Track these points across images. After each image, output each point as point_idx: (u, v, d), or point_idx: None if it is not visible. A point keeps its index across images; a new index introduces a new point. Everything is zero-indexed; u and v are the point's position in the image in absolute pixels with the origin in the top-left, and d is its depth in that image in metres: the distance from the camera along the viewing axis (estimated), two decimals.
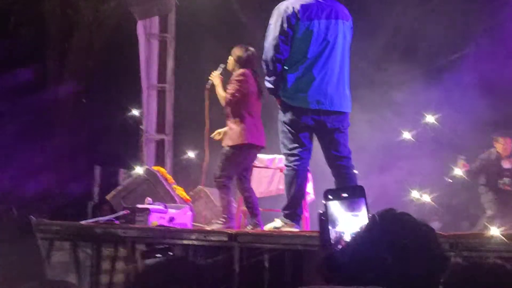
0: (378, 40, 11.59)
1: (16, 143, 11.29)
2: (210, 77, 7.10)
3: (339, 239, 2.30)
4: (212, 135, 7.22)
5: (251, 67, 6.85)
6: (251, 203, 6.93)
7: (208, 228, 6.73)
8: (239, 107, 6.76)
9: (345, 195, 2.38)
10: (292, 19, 5.85)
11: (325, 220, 2.33)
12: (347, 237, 2.27)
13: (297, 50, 5.90)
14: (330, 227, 2.34)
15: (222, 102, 6.86)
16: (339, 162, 5.98)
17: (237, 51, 6.88)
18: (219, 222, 6.74)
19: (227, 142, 6.79)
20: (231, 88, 6.77)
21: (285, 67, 5.93)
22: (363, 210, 2.32)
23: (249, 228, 6.81)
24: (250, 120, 6.78)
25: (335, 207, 2.37)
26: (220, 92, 6.90)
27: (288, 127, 5.98)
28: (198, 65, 10.14)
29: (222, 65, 7.08)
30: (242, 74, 6.77)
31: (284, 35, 5.85)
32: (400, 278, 1.92)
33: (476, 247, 5.24)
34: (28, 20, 12.49)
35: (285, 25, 5.84)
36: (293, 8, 5.87)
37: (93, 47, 12.59)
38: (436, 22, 10.89)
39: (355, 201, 2.35)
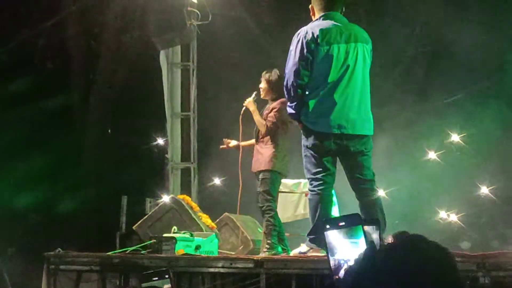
0: (401, 59, 11.59)
1: (41, 172, 11.41)
2: (244, 104, 7.24)
3: (339, 267, 2.32)
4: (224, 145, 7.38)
5: (281, 91, 6.97)
6: (278, 230, 7.05)
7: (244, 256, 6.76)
8: (276, 134, 7.01)
9: (342, 223, 2.41)
10: (311, 44, 5.86)
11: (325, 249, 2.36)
12: (346, 264, 2.29)
13: (317, 75, 5.91)
14: (329, 256, 2.37)
15: (262, 129, 7.05)
16: (362, 185, 5.95)
17: (266, 76, 7.06)
18: (264, 250, 6.84)
19: (257, 168, 6.94)
20: (273, 116, 6.99)
21: (306, 92, 5.94)
22: (362, 237, 2.34)
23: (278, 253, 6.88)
24: (282, 149, 7.03)
25: (334, 236, 2.40)
26: (258, 118, 7.10)
27: (311, 152, 5.98)
28: (221, 92, 10.23)
29: (255, 92, 7.24)
30: (283, 103, 6.90)
31: (304, 61, 5.86)
32: None
33: (504, 266, 5.21)
34: (52, 53, 12.66)
35: (305, 51, 5.86)
36: (313, 33, 5.89)
37: (117, 77, 12.71)
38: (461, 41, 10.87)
39: (353, 229, 2.38)
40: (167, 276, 3.89)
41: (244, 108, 7.27)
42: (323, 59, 5.87)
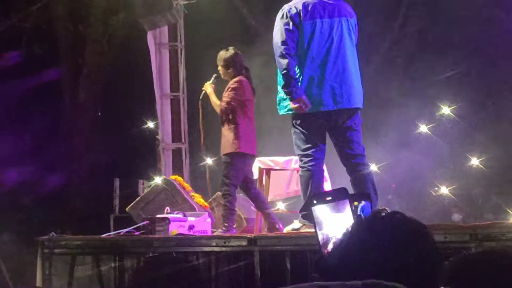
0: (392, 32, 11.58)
1: (34, 157, 11.40)
2: (203, 87, 7.18)
3: (327, 240, 2.34)
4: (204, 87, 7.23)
5: (240, 67, 6.92)
6: (265, 208, 7.02)
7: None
8: (234, 115, 6.85)
9: (329, 198, 2.43)
10: (295, 18, 5.87)
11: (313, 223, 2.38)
12: (334, 238, 2.31)
13: (304, 51, 5.92)
14: (317, 230, 2.38)
15: (217, 110, 6.94)
16: (353, 160, 5.98)
17: (221, 54, 6.98)
18: (220, 231, 6.82)
19: (222, 151, 6.92)
20: (227, 96, 6.86)
21: (295, 69, 5.94)
22: (348, 211, 2.36)
23: (266, 230, 6.88)
24: (244, 128, 6.86)
25: (321, 211, 2.42)
26: (214, 100, 6.99)
27: (300, 128, 6.00)
28: (209, 71, 10.17)
29: (215, 75, 7.15)
30: (238, 82, 6.86)
31: (291, 32, 5.86)
32: (394, 275, 1.92)
33: (496, 236, 5.24)
34: (40, 37, 12.59)
35: (291, 24, 5.86)
36: (296, 8, 5.91)
37: (105, 60, 12.67)
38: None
39: (340, 203, 2.40)
40: None
41: (203, 91, 7.22)
42: (307, 34, 5.88)
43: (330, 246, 2.41)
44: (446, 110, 10.19)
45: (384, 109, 10.40)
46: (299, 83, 5.89)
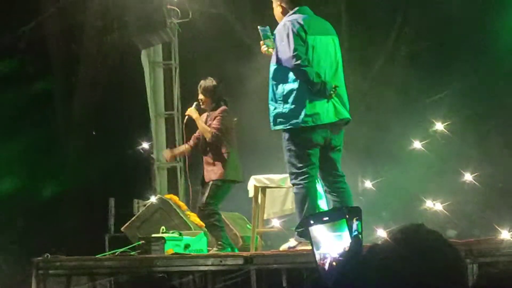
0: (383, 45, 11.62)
1: (25, 175, 11.39)
2: (186, 113, 7.22)
3: (324, 260, 2.35)
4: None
5: (219, 98, 7.06)
6: None
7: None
8: (223, 141, 6.98)
9: (326, 218, 2.45)
10: (301, 32, 5.89)
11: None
12: (331, 258, 2.33)
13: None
14: (314, 249, 2.40)
15: (207, 135, 6.98)
16: (339, 179, 6.09)
17: (202, 85, 7.11)
18: (216, 249, 6.84)
19: (210, 177, 6.96)
20: (217, 123, 6.93)
21: (292, 86, 5.92)
22: (346, 231, 2.38)
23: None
24: (233, 155, 7.03)
25: (318, 230, 2.44)
26: (203, 125, 7.05)
27: (296, 146, 5.99)
28: None
29: (195, 102, 7.20)
30: (225, 110, 7.02)
31: (301, 46, 5.85)
32: None
33: (491, 252, 5.26)
34: (33, 55, 12.59)
35: (299, 38, 5.86)
36: (298, 23, 5.91)
37: (99, 79, 12.67)
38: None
39: (337, 223, 2.41)
40: None
41: (186, 117, 7.25)
42: (310, 48, 5.89)
43: (327, 266, 2.42)
44: (439, 126, 10.21)
45: (378, 125, 10.42)
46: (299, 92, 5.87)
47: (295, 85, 5.88)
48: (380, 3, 11.30)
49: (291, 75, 5.88)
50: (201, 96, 7.11)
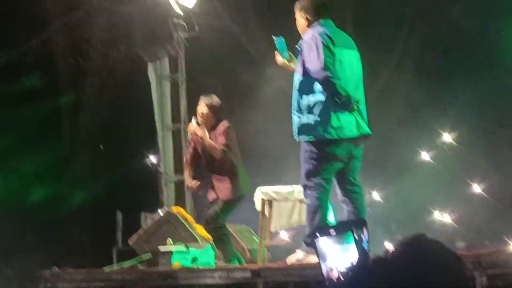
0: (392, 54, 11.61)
1: (34, 190, 11.40)
2: (190, 131, 7.19)
3: (331, 272, 2.35)
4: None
5: (219, 113, 7.01)
6: None
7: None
8: (231, 157, 6.94)
9: (332, 231, 2.45)
10: (330, 44, 5.84)
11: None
12: (338, 270, 2.32)
13: None
14: (321, 262, 2.40)
15: (216, 152, 6.92)
16: (355, 189, 6.01)
17: (207, 101, 7.07)
18: (223, 263, 6.85)
19: (221, 195, 6.95)
20: (224, 139, 6.87)
21: (318, 100, 5.86)
22: (352, 243, 2.37)
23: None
24: (241, 170, 7.04)
25: (324, 243, 2.43)
26: (210, 142, 6.97)
27: (317, 158, 5.90)
28: None
29: (194, 119, 7.15)
30: (230, 126, 6.98)
31: (329, 58, 5.80)
32: None
33: (500, 264, 5.22)
34: (40, 70, 12.63)
35: (329, 48, 5.82)
36: (327, 35, 5.87)
37: (105, 92, 12.69)
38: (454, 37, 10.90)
39: (343, 236, 2.41)
40: None
41: (190, 135, 7.23)
42: (337, 60, 5.85)
43: (334, 278, 2.41)
44: (447, 137, 10.18)
45: (385, 137, 10.39)
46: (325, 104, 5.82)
47: (321, 97, 5.81)
48: (386, 15, 11.31)
49: (317, 87, 5.80)
50: (205, 111, 7.04)
